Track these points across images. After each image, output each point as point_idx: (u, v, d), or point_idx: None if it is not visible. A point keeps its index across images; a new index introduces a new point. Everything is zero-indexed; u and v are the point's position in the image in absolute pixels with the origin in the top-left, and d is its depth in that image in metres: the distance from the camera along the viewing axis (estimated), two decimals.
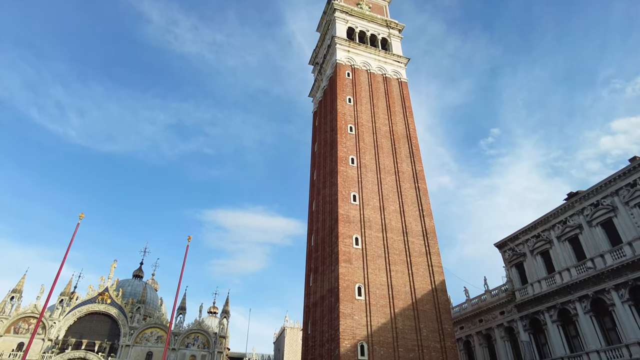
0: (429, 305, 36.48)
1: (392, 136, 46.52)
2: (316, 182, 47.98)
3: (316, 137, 52.69)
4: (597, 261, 31.52)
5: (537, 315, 35.82)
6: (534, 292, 36.22)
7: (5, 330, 54.94)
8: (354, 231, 37.84)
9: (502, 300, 39.72)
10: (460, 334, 44.04)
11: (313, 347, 37.70)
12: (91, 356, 54.68)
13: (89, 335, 58.56)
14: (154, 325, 60.89)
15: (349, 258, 36.01)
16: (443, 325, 35.87)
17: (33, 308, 57.25)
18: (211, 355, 59.80)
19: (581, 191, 34.99)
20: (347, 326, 32.52)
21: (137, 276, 79.01)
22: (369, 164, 43.20)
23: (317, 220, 44.32)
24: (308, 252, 45.36)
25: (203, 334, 61.61)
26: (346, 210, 38.75)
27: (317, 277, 40.44)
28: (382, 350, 32.66)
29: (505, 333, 39.13)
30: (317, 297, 39.33)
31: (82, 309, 59.96)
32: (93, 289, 62.01)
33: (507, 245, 41.16)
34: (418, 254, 38.97)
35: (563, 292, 33.52)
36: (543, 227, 37.51)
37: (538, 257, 37.59)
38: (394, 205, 41.30)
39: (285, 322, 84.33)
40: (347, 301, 33.68)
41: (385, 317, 34.26)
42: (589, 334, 30.88)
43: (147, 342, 59.23)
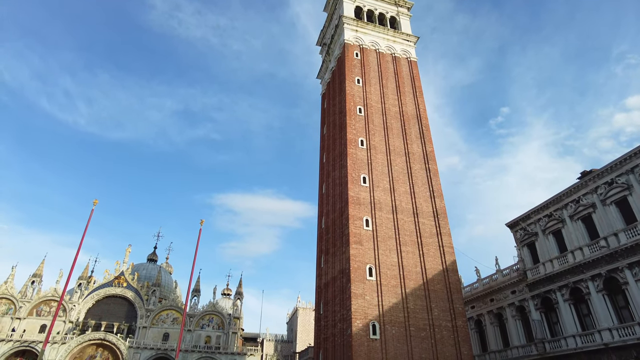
0: (440, 285, 36.72)
1: (401, 117, 46.07)
2: (326, 165, 47.96)
3: (325, 120, 52.42)
4: (610, 240, 31.21)
5: (548, 294, 35.80)
6: (546, 271, 36.12)
7: (28, 312, 56.88)
8: (364, 213, 37.94)
9: (513, 280, 39.72)
10: (472, 313, 44.31)
11: (325, 326, 38.35)
12: (110, 337, 56.42)
13: (107, 317, 60.36)
14: (170, 308, 62.44)
15: (360, 239, 36.22)
16: (454, 305, 36.14)
17: (53, 291, 59.03)
18: (226, 335, 61.27)
19: (595, 169, 34.41)
20: (359, 306, 32.95)
21: (152, 260, 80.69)
22: (379, 145, 42.97)
23: (328, 202, 44.48)
24: (319, 234, 45.70)
25: (217, 315, 63.03)
26: (356, 193, 38.78)
27: (328, 259, 40.84)
28: (394, 329, 33.11)
29: (517, 312, 39.25)
30: (328, 278, 39.79)
31: (100, 293, 61.65)
32: (109, 273, 63.61)
33: (518, 225, 40.90)
34: (429, 235, 39.03)
35: (575, 271, 33.37)
36: (555, 206, 37.11)
37: (550, 236, 37.33)
38: (404, 186, 41.19)
39: (297, 302, 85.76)
40: (358, 282, 34.05)
41: (396, 297, 34.61)
42: (601, 312, 30.82)
43: (163, 324, 60.87)
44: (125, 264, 65.16)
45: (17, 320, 55.79)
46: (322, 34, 61.27)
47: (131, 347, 56.25)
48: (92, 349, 56.72)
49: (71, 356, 54.81)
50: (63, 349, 54.02)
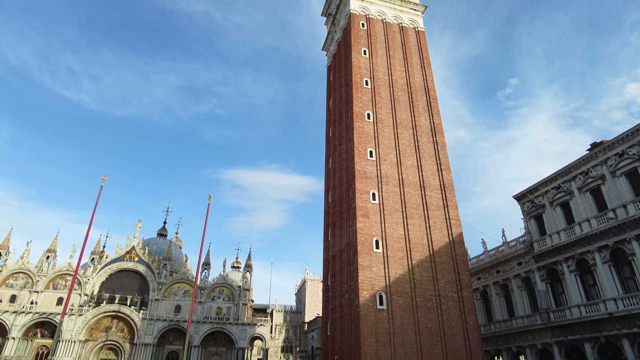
0: (446, 257, 37.10)
1: (409, 89, 45.36)
2: (332, 139, 47.73)
3: (331, 93, 51.79)
4: (619, 211, 31.07)
5: (554, 266, 36.05)
6: (553, 243, 36.23)
7: (45, 286, 58.71)
8: (371, 187, 38.00)
9: (519, 252, 39.96)
10: (478, 284, 44.89)
11: (333, 297, 39.18)
12: (124, 309, 58.25)
13: (120, 290, 62.15)
14: (181, 281, 64.01)
15: (367, 213, 36.44)
16: (460, 276, 36.61)
17: (68, 266, 60.67)
18: (236, 307, 62.94)
19: (605, 141, 33.89)
20: (366, 277, 33.52)
21: (162, 235, 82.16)
22: (386, 118, 42.54)
23: (334, 176, 44.53)
24: (326, 208, 46.00)
25: (228, 287, 64.56)
26: (363, 166, 38.73)
27: (336, 232, 41.26)
28: (401, 300, 33.75)
29: (522, 283, 39.68)
30: (335, 251, 40.34)
31: (112, 267, 63.24)
32: (121, 248, 65.04)
33: (526, 197, 40.78)
34: (435, 208, 39.13)
35: (582, 243, 33.43)
36: (564, 178, 36.84)
37: (558, 208, 37.23)
38: (411, 159, 41.02)
39: (305, 274, 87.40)
40: (365, 254, 34.50)
41: (403, 269, 35.09)
42: (607, 282, 31.05)
43: (174, 296, 62.57)
44: (136, 239, 66.47)
45: (35, 293, 57.67)
46: (327, 4, 59.69)
47: (144, 318, 58.08)
48: (107, 320, 58.72)
49: (88, 327, 56.83)
50: (80, 320, 55.95)
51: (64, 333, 53.45)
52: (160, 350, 58.95)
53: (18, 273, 58.80)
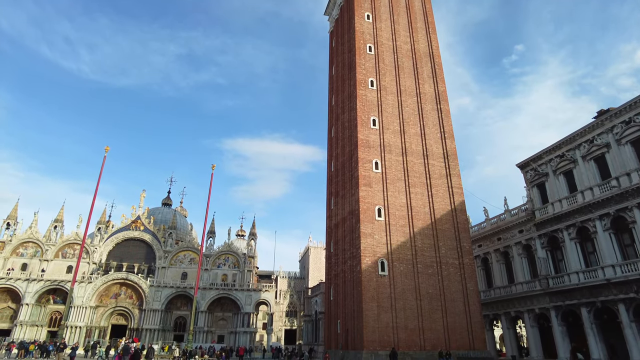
0: (448, 224, 37.49)
1: (413, 55, 44.38)
2: (335, 108, 47.21)
3: (333, 60, 50.76)
4: (622, 180, 31.01)
5: (555, 234, 36.39)
6: (554, 211, 36.42)
7: (54, 255, 60.04)
8: (374, 155, 37.92)
9: (521, 220, 40.27)
10: (479, 251, 45.54)
11: (336, 264, 39.97)
12: (132, 277, 59.76)
13: (127, 259, 63.52)
14: (187, 249, 65.25)
15: (369, 182, 36.56)
16: (461, 243, 37.14)
17: (75, 235, 61.79)
18: (241, 273, 64.43)
19: (612, 108, 33.35)
20: (368, 245, 34.06)
21: (166, 204, 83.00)
22: (389, 86, 41.89)
23: (337, 145, 44.37)
24: (328, 177, 46.12)
25: (233, 254, 65.86)
26: (366, 135, 38.50)
27: (338, 201, 41.56)
28: (402, 266, 34.42)
29: (523, 250, 40.22)
30: (338, 219, 40.78)
31: (119, 236, 64.35)
32: (126, 217, 65.94)
33: (529, 165, 40.65)
34: (438, 176, 39.18)
35: (584, 211, 33.59)
36: (568, 146, 36.56)
37: (561, 176, 37.17)
38: (414, 128, 40.70)
39: (309, 242, 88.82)
40: (367, 222, 34.89)
41: (404, 236, 35.57)
42: (606, 250, 31.42)
43: (181, 264, 63.95)
44: (141, 209, 67.26)
45: (45, 262, 59.06)
46: None
47: (152, 285, 59.65)
48: (116, 287, 60.38)
49: (98, 294, 58.53)
50: (90, 287, 57.56)
51: (75, 299, 55.13)
52: (169, 316, 60.90)
53: (27, 242, 60.03)
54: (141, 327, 57.68)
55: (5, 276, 56.02)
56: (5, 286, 56.00)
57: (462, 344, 33.32)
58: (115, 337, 54.15)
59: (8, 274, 56.30)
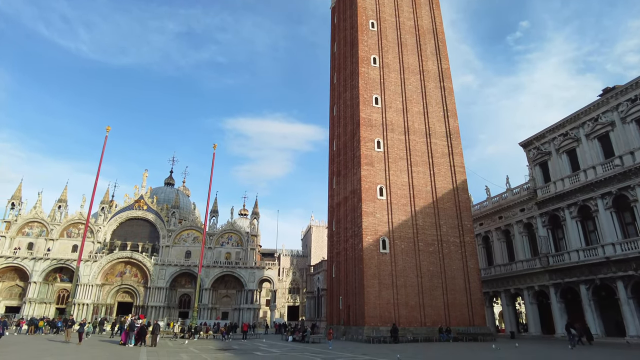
0: (449, 203, 37.63)
1: (417, 32, 43.55)
2: (336, 86, 46.71)
3: (335, 36, 49.89)
4: (625, 158, 30.89)
5: (556, 212, 36.52)
6: (556, 190, 36.45)
7: (60, 234, 60.74)
8: (376, 134, 37.75)
9: (523, 198, 40.35)
10: (480, 230, 45.84)
11: (338, 242, 40.38)
12: (137, 255, 60.58)
13: (131, 238, 64.21)
14: (190, 228, 65.86)
15: (371, 161, 36.52)
16: (463, 222, 37.36)
17: (79, 215, 62.34)
18: (244, 251, 65.22)
19: (618, 86, 32.90)
20: (370, 223, 34.31)
21: (169, 184, 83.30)
22: (392, 63, 41.29)
23: (339, 125, 44.12)
24: (330, 156, 46.04)
25: (236, 233, 66.49)
26: (368, 114, 38.23)
27: (340, 180, 41.63)
28: (403, 244, 34.76)
29: (524, 229, 40.47)
30: (340, 198, 40.95)
31: (122, 215, 64.89)
32: (129, 197, 66.30)
33: (532, 144, 40.45)
34: (440, 155, 39.08)
35: (585, 190, 33.61)
36: (572, 125, 36.27)
37: (563, 155, 37.04)
38: (417, 106, 40.34)
39: (311, 221, 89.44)
40: (369, 201, 35.04)
41: (406, 215, 35.79)
42: (607, 228, 31.59)
43: (184, 243, 64.66)
44: (144, 188, 67.56)
45: (51, 241, 59.79)
46: None
47: (156, 264, 60.52)
48: (121, 266, 61.29)
49: (103, 272, 59.48)
50: (95, 266, 58.46)
51: (81, 278, 56.08)
52: (173, 293, 62.02)
53: (33, 222, 60.64)
54: (146, 304, 58.85)
55: (13, 255, 56.91)
56: (12, 265, 56.95)
57: (462, 320, 33.96)
58: (121, 314, 55.35)
59: (15, 253, 57.17)
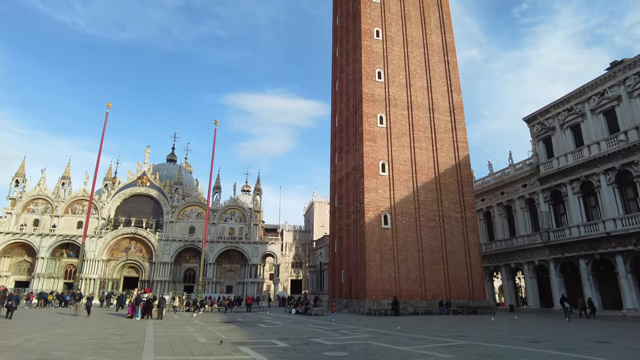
0: (451, 179, 37.64)
1: (420, 3, 42.45)
2: (338, 60, 45.96)
3: (337, 8, 48.72)
4: (630, 134, 30.60)
5: (559, 188, 36.52)
6: (559, 165, 36.32)
7: (64, 211, 61.33)
8: (379, 110, 37.40)
9: (525, 174, 40.29)
10: (481, 205, 46.01)
11: (340, 218, 40.68)
12: (141, 231, 61.28)
13: (135, 214, 64.79)
14: (193, 204, 66.33)
15: (374, 137, 36.33)
16: (464, 197, 37.47)
17: (83, 192, 62.76)
18: (248, 227, 65.87)
19: (627, 59, 32.24)
20: (371, 199, 34.46)
21: (171, 160, 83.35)
22: (396, 36, 40.46)
23: (341, 100, 43.67)
24: (332, 132, 45.80)
25: (239, 209, 66.99)
26: (370, 89, 37.76)
27: (342, 156, 41.54)
28: (405, 219, 35.00)
29: (526, 204, 40.58)
30: (342, 174, 40.99)
31: (126, 192, 65.28)
32: (132, 173, 66.50)
33: (536, 119, 40.04)
34: (443, 130, 38.81)
35: (589, 165, 33.48)
36: (577, 99, 35.78)
37: (568, 130, 36.73)
38: (420, 81, 39.78)
39: (313, 197, 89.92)
40: (371, 177, 35.07)
41: (408, 191, 35.88)
42: (609, 203, 31.63)
43: (188, 219, 65.26)
44: (146, 165, 67.68)
45: (56, 217, 60.44)
46: None
47: (161, 239, 61.28)
48: (126, 241, 62.11)
49: (109, 248, 60.35)
50: (100, 242, 59.27)
51: (87, 253, 56.95)
52: (178, 268, 63.06)
53: (37, 199, 61.13)
54: (152, 279, 59.95)
55: (19, 231, 57.68)
56: (20, 241, 57.80)
57: (462, 294, 34.54)
58: (127, 289, 56.51)
59: (21, 230, 57.92)
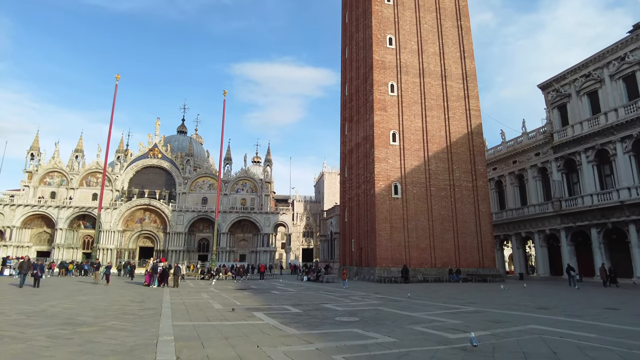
0: (463, 148, 37.23)
1: None
2: (348, 26, 44.76)
3: None
4: None
5: (572, 156, 35.91)
6: (574, 133, 35.57)
7: (79, 183, 62.54)
8: (390, 78, 36.68)
9: (538, 142, 39.61)
10: (493, 174, 45.62)
11: (350, 188, 40.82)
12: (155, 202, 62.39)
13: (148, 185, 65.81)
14: (205, 175, 67.00)
15: (384, 106, 35.82)
16: (476, 166, 37.16)
17: (96, 164, 63.68)
18: (259, 198, 66.61)
19: None
20: (382, 169, 34.39)
21: (182, 132, 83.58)
22: (407, 0, 39.09)
23: (351, 68, 42.85)
24: (342, 102, 45.24)
25: (250, 180, 67.58)
26: (381, 56, 36.91)
27: (352, 126, 41.20)
28: (415, 189, 34.99)
29: (538, 173, 40.12)
30: (352, 145, 40.78)
31: (138, 164, 66.05)
32: (143, 145, 67.02)
33: (551, 86, 38.92)
34: (456, 98, 38.06)
35: (605, 133, 32.73)
36: (596, 65, 34.54)
37: (584, 97, 35.70)
38: (433, 47, 38.70)
39: (323, 168, 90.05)
40: (381, 147, 34.85)
41: (418, 160, 35.66)
42: (624, 172, 31.09)
43: (200, 190, 66.12)
44: (157, 137, 68.08)
45: (71, 190, 61.73)
46: None
47: (174, 210, 62.41)
48: (140, 213, 63.41)
49: (124, 219, 61.76)
50: (115, 213, 60.60)
51: (103, 224, 58.40)
52: (192, 238, 64.49)
53: (53, 172, 62.30)
54: (167, 248, 61.50)
55: (38, 203, 59.22)
56: (39, 213, 59.42)
57: (472, 262, 34.87)
58: (143, 258, 58.16)
59: (39, 202, 59.43)
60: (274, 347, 8.00)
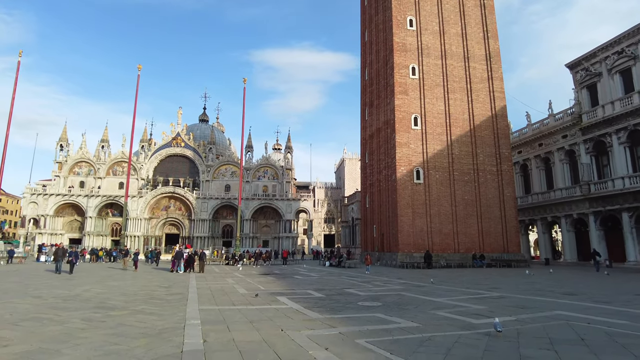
0: (487, 131, 36.37)
1: None
2: (367, 8, 43.93)
3: None
4: None
5: (602, 138, 34.56)
6: (605, 114, 34.16)
7: (106, 173, 64.44)
8: (411, 60, 35.97)
9: (566, 124, 38.27)
10: (518, 158, 44.47)
11: (371, 174, 40.62)
12: (179, 190, 63.76)
13: (172, 174, 67.19)
14: (227, 163, 67.89)
15: (405, 89, 35.23)
16: (500, 150, 36.30)
17: (122, 154, 65.34)
18: (280, 184, 67.15)
19: None
20: (403, 154, 34.02)
21: (203, 120, 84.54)
22: None
23: (371, 51, 42.19)
24: (362, 86, 44.72)
25: (271, 167, 68.10)
26: (402, 38, 36.16)
27: (373, 111, 40.76)
28: (438, 174, 34.51)
29: (565, 156, 38.87)
30: (373, 130, 40.42)
31: (162, 153, 67.39)
32: (166, 134, 68.22)
33: (580, 64, 37.34)
34: (479, 80, 37.06)
35: (638, 113, 31.33)
36: (629, 40, 32.88)
37: (616, 76, 34.13)
38: (455, 27, 37.62)
39: (344, 154, 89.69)
40: (403, 131, 34.41)
41: (441, 145, 35.08)
42: None
43: (223, 177, 67.10)
44: (179, 126, 69.13)
45: (99, 179, 63.69)
46: None
47: (198, 197, 63.65)
48: (165, 200, 64.95)
49: (149, 207, 63.42)
50: (141, 201, 62.28)
51: (130, 212, 60.16)
52: (216, 224, 65.77)
53: (81, 162, 64.36)
54: (192, 235, 62.96)
55: (68, 193, 61.51)
56: (69, 202, 61.72)
57: (496, 247, 34.36)
58: (170, 245, 59.75)
59: (70, 191, 61.67)
60: (298, 330, 8.15)
